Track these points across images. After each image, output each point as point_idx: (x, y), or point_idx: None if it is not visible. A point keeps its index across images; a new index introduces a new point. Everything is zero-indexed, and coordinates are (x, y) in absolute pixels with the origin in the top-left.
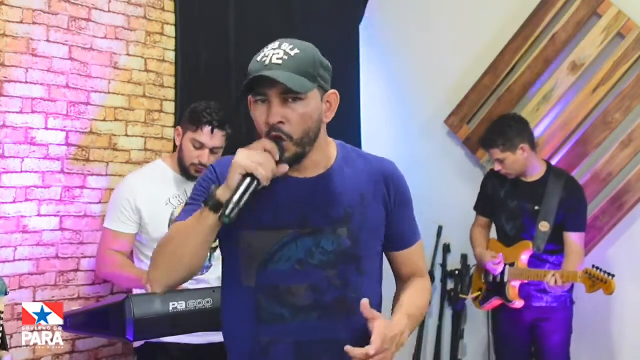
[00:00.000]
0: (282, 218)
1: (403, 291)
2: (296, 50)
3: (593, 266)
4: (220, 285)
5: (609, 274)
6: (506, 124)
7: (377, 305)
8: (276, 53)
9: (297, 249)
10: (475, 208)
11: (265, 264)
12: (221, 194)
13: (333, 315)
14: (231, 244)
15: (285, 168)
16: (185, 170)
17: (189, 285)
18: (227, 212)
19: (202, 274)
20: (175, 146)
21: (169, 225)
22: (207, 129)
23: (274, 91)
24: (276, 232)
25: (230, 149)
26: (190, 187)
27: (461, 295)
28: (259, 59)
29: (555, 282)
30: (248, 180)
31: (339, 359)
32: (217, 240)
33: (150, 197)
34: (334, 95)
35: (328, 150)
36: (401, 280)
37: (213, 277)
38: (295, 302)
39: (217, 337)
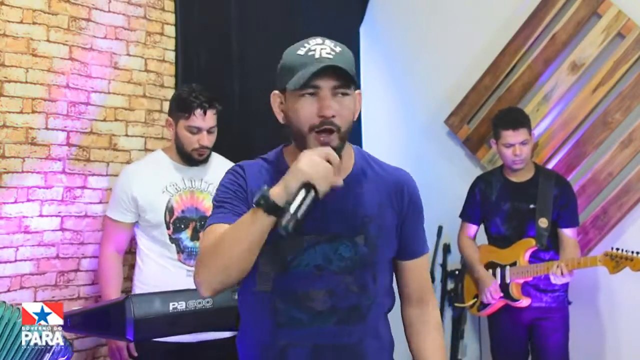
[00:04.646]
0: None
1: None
2: (339, 48)
3: (612, 248)
4: None
5: (632, 252)
6: (519, 109)
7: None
8: (323, 47)
9: (315, 254)
10: (462, 216)
11: (284, 269)
12: (276, 195)
13: (349, 320)
14: None
15: (340, 182)
16: (187, 157)
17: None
18: (285, 224)
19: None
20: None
21: (165, 214)
22: (199, 112)
23: (327, 84)
24: (295, 239)
25: (225, 146)
26: (188, 174)
27: (456, 305)
28: (301, 52)
29: (561, 271)
30: (305, 192)
31: None
32: None
33: (147, 186)
34: (359, 95)
35: (349, 152)
36: (408, 302)
37: None
38: (313, 306)
39: (208, 335)
